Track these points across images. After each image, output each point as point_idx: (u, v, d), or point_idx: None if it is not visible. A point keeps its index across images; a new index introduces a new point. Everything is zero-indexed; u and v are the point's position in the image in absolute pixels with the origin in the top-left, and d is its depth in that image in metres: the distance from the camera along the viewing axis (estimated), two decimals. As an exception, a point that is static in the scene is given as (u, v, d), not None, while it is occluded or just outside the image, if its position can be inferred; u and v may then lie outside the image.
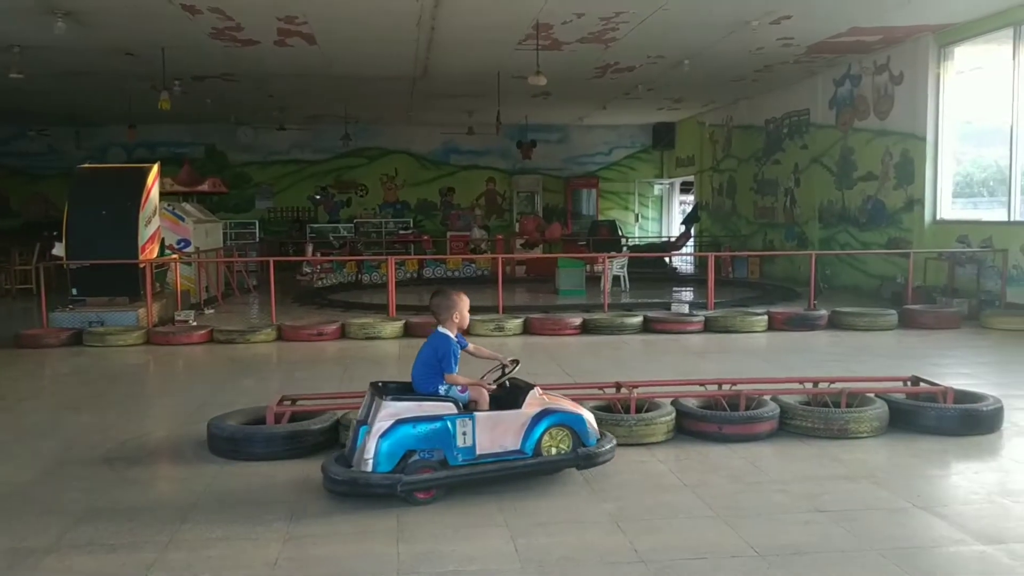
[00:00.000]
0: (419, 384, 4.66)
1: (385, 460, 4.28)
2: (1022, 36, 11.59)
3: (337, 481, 4.34)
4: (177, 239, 13.69)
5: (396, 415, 4.34)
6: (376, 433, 4.30)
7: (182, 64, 14.51)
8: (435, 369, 4.63)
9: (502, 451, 4.49)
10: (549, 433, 4.56)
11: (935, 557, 3.65)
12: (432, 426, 4.37)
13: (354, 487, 4.31)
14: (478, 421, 4.46)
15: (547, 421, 4.57)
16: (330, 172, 24.88)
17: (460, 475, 4.40)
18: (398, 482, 4.24)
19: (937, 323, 10.68)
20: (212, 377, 8.08)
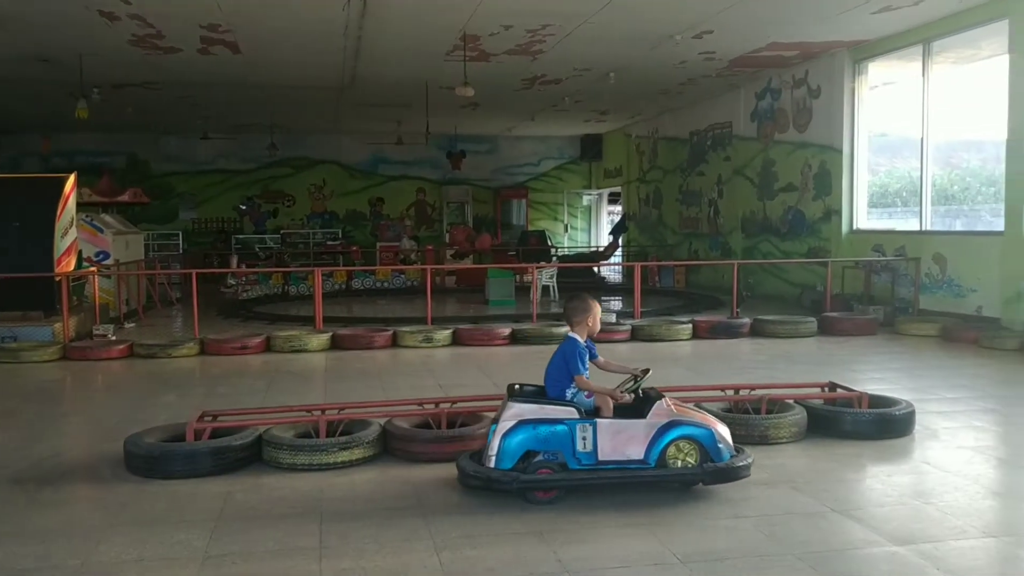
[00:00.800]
0: (550, 388, 4.74)
1: (506, 458, 4.42)
2: (931, 52, 12.07)
3: (465, 474, 4.52)
4: (96, 251, 13.31)
5: (519, 416, 4.49)
6: (500, 432, 4.46)
7: (101, 72, 14.15)
8: (564, 373, 4.69)
9: (624, 459, 4.52)
10: (675, 445, 4.54)
11: (849, 559, 3.75)
12: (553, 429, 4.47)
13: (477, 480, 4.47)
14: (600, 427, 4.52)
15: (674, 433, 4.54)
16: (256, 182, 24.50)
17: (578, 479, 4.46)
18: (516, 479, 4.36)
19: (854, 330, 11.01)
20: (131, 393, 7.86)
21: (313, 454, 5.10)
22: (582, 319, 4.80)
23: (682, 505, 4.45)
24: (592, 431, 4.50)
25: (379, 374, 8.62)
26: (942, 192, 12.79)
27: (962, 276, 11.31)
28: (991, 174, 11.95)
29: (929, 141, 12.20)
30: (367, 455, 5.23)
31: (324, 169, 24.90)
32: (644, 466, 4.51)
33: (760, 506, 4.44)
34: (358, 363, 9.36)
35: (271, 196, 24.65)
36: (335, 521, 4.26)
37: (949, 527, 4.13)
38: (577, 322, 4.82)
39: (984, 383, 7.76)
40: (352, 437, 5.23)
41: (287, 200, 24.77)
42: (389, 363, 9.43)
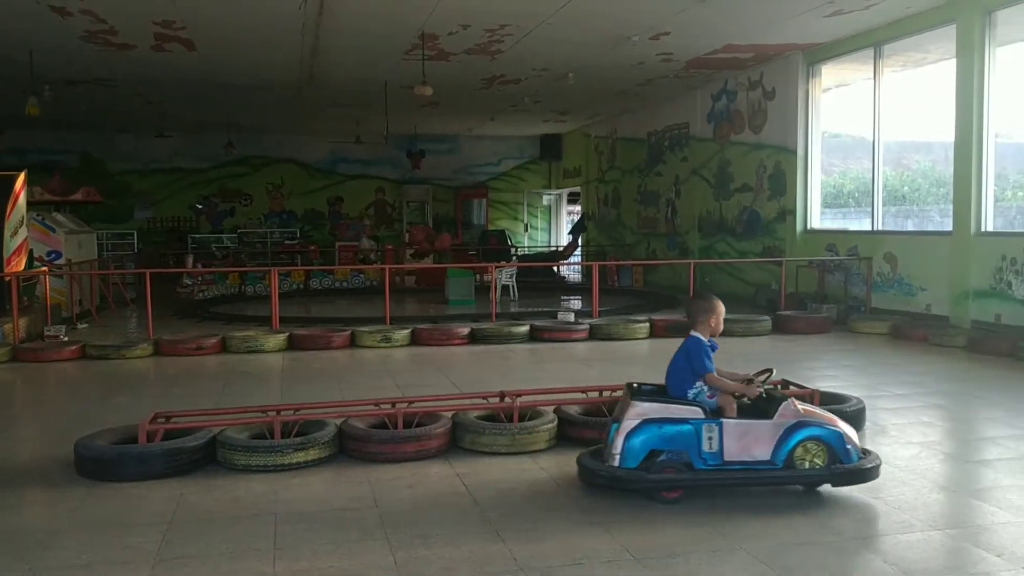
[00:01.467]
0: (672, 387, 4.73)
1: (630, 457, 4.43)
2: (882, 55, 12.30)
3: (591, 472, 4.55)
4: (47, 250, 13.07)
5: (643, 415, 4.48)
6: (624, 431, 4.46)
7: (53, 68, 13.89)
8: (687, 372, 4.68)
9: (751, 460, 4.50)
10: (803, 446, 4.49)
11: (801, 554, 3.81)
12: (678, 428, 4.47)
13: (603, 479, 4.50)
14: (725, 428, 4.50)
15: (802, 434, 4.50)
16: (213, 181, 24.22)
17: (704, 479, 4.46)
18: (643, 479, 4.39)
19: (808, 328, 11.19)
20: (83, 395, 7.74)
21: (268, 455, 5.07)
22: (705, 318, 4.82)
23: (636, 502, 4.49)
24: (718, 431, 4.50)
25: (337, 374, 8.58)
26: (893, 193, 13.07)
27: (912, 275, 11.55)
28: (940, 175, 12.23)
29: (880, 142, 12.43)
30: (323, 455, 5.21)
31: (282, 168, 24.69)
32: (771, 467, 4.49)
33: (714, 502, 4.50)
34: (316, 363, 9.30)
35: (228, 195, 24.38)
36: (290, 522, 4.24)
37: (896, 520, 4.22)
38: (701, 321, 4.82)
39: (932, 380, 7.93)
40: (307, 438, 5.20)
41: (244, 199, 24.52)
42: (347, 363, 9.39)
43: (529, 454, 5.39)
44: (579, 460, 4.72)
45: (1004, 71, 10.51)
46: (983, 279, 10.34)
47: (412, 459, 5.25)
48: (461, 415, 5.62)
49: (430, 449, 5.33)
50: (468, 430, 5.47)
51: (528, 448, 5.42)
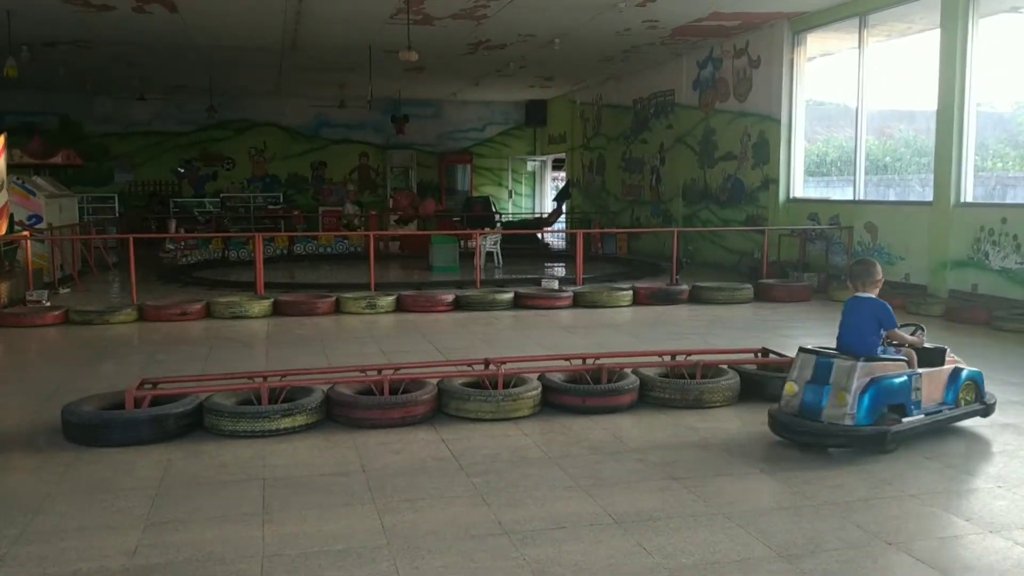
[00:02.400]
0: (857, 346, 4.96)
1: (867, 414, 4.71)
2: (867, 25, 12.32)
3: (820, 434, 4.76)
4: (28, 214, 12.96)
5: (871, 374, 4.75)
6: (857, 390, 4.71)
7: (30, 29, 13.70)
8: (870, 331, 4.97)
9: (933, 404, 5.07)
10: (965, 386, 5.21)
11: (774, 518, 3.91)
12: (901, 382, 4.84)
13: (838, 439, 4.75)
14: (924, 377, 4.98)
15: (963, 376, 5.21)
16: (195, 144, 24.00)
17: (920, 425, 4.92)
18: (886, 433, 4.71)
19: (789, 296, 11.31)
20: (67, 361, 7.75)
21: (255, 421, 5.12)
22: (876, 281, 5.16)
23: (620, 469, 4.59)
24: (920, 381, 4.96)
25: (322, 341, 8.62)
26: (876, 162, 13.14)
27: (892, 245, 11.67)
28: (923, 144, 12.30)
29: (864, 112, 12.49)
30: (310, 421, 5.27)
31: (265, 132, 24.48)
32: (947, 407, 5.13)
33: (692, 468, 4.60)
34: (300, 329, 9.34)
35: (210, 159, 24.18)
36: (278, 487, 4.31)
37: (871, 488, 4.33)
38: (873, 284, 5.14)
39: (910, 348, 8.05)
40: (294, 404, 5.25)
41: (227, 163, 24.33)
42: (332, 329, 9.42)
43: (513, 420, 5.47)
44: (780, 424, 4.94)
45: (987, 42, 10.56)
46: (961, 249, 10.47)
47: (398, 425, 5.32)
48: (446, 382, 5.68)
49: (416, 415, 5.39)
50: (453, 396, 5.54)
51: (512, 414, 5.49)
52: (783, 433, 4.96)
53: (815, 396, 4.82)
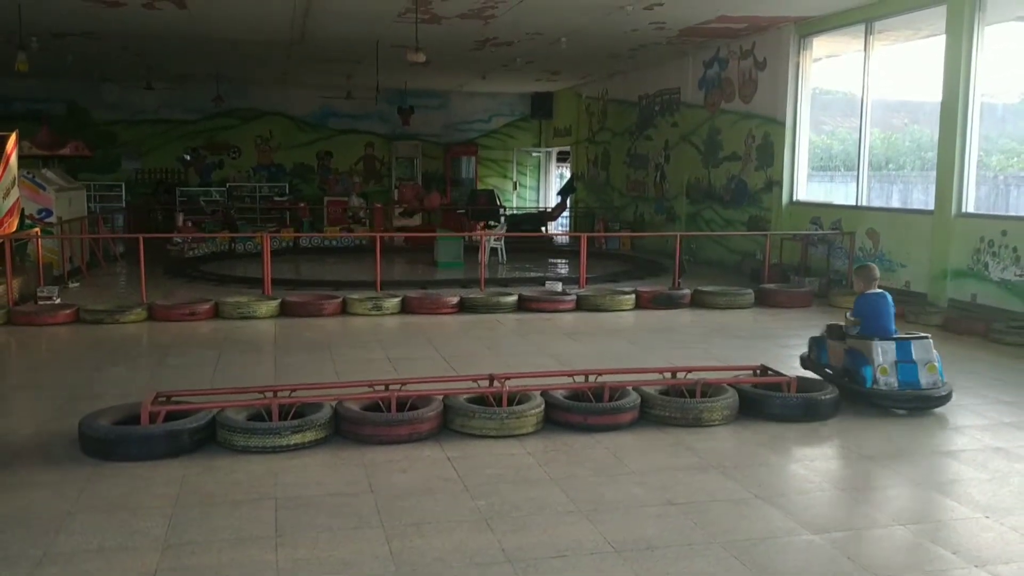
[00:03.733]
0: (894, 331, 6.66)
1: (944, 382, 6.39)
2: (873, 31, 12.37)
3: (920, 399, 6.29)
4: (38, 208, 13.09)
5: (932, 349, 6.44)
6: (933, 363, 6.36)
7: (41, 20, 13.73)
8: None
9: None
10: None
11: (770, 548, 4.06)
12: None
13: (931, 402, 6.34)
14: None
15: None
16: (201, 133, 24.04)
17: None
18: (951, 391, 6.41)
19: (790, 302, 11.43)
20: (81, 364, 7.89)
21: (266, 437, 5.27)
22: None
23: (620, 493, 4.73)
24: None
25: (329, 345, 8.76)
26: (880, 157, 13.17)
27: (893, 251, 11.78)
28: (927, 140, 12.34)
29: (868, 117, 12.55)
30: (319, 437, 5.41)
31: (271, 121, 24.52)
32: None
33: (690, 492, 4.75)
34: (308, 332, 9.48)
35: (216, 147, 24.23)
36: (289, 508, 4.46)
37: (862, 516, 4.48)
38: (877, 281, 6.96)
39: (907, 361, 8.18)
40: (304, 420, 5.40)
41: (233, 152, 24.39)
42: (339, 332, 9.57)
43: (517, 437, 5.61)
44: (903, 399, 6.26)
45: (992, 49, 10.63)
46: (961, 259, 10.58)
47: (405, 441, 5.47)
48: (452, 399, 5.82)
49: (422, 432, 5.54)
50: (458, 413, 5.68)
51: (516, 432, 5.64)
52: (897, 405, 6.29)
53: (911, 372, 6.28)
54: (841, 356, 6.68)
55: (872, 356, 6.34)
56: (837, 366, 6.74)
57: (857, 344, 6.55)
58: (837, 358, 6.75)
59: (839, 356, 6.72)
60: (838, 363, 6.72)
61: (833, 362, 6.82)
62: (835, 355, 6.79)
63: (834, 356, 6.81)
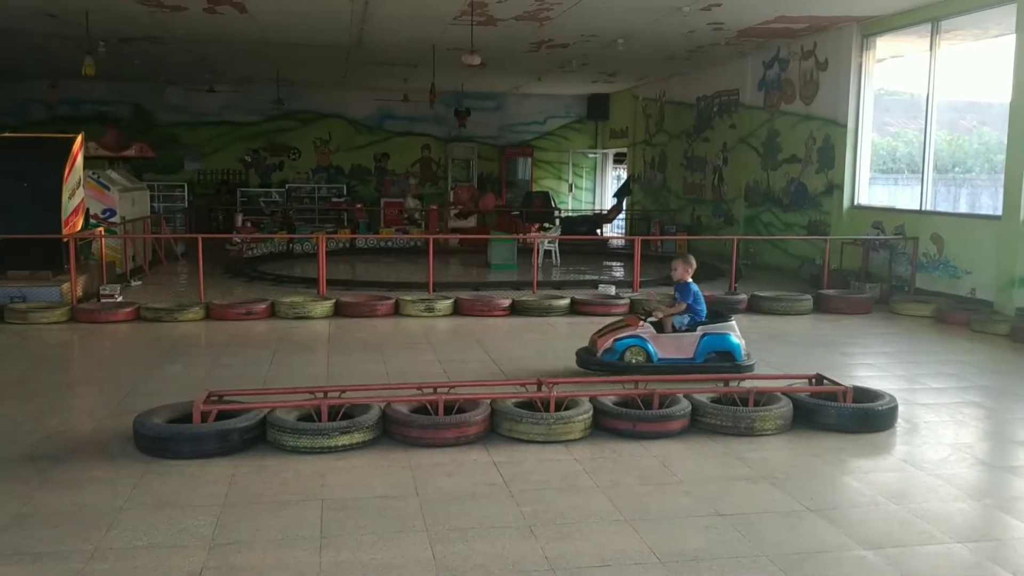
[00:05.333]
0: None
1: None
2: (939, 30, 12.03)
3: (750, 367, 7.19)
4: (103, 208, 13.43)
5: None
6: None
7: (107, 26, 14.15)
8: None
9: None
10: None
11: (819, 563, 3.96)
12: None
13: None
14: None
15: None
16: (262, 135, 24.47)
17: None
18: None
19: (850, 308, 11.16)
20: (139, 362, 8.06)
21: (315, 438, 5.31)
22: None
23: (667, 503, 4.66)
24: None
25: (380, 346, 8.80)
26: (946, 160, 12.79)
27: (958, 258, 11.43)
28: (995, 154, 11.97)
29: (933, 119, 12.21)
30: (367, 439, 5.43)
31: (330, 123, 24.84)
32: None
33: (739, 503, 4.65)
34: (360, 332, 9.55)
35: (276, 149, 24.63)
36: (335, 509, 4.48)
37: (918, 531, 4.34)
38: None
39: (971, 371, 7.94)
40: (353, 421, 5.43)
41: (292, 153, 24.76)
42: (391, 333, 9.62)
43: (564, 443, 5.56)
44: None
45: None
46: (1031, 266, 10.22)
47: (451, 445, 5.46)
48: (499, 403, 5.80)
49: (469, 435, 5.53)
50: (506, 418, 5.66)
51: (563, 437, 5.59)
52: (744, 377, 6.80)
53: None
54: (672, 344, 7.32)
55: (738, 334, 7.31)
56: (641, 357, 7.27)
57: (717, 328, 7.37)
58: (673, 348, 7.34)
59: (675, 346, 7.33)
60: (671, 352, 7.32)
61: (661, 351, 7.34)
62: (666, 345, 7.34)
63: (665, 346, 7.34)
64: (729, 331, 7.38)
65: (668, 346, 7.35)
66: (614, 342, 7.30)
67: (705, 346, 7.32)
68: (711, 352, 7.33)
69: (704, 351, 7.32)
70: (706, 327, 7.40)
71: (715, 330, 7.38)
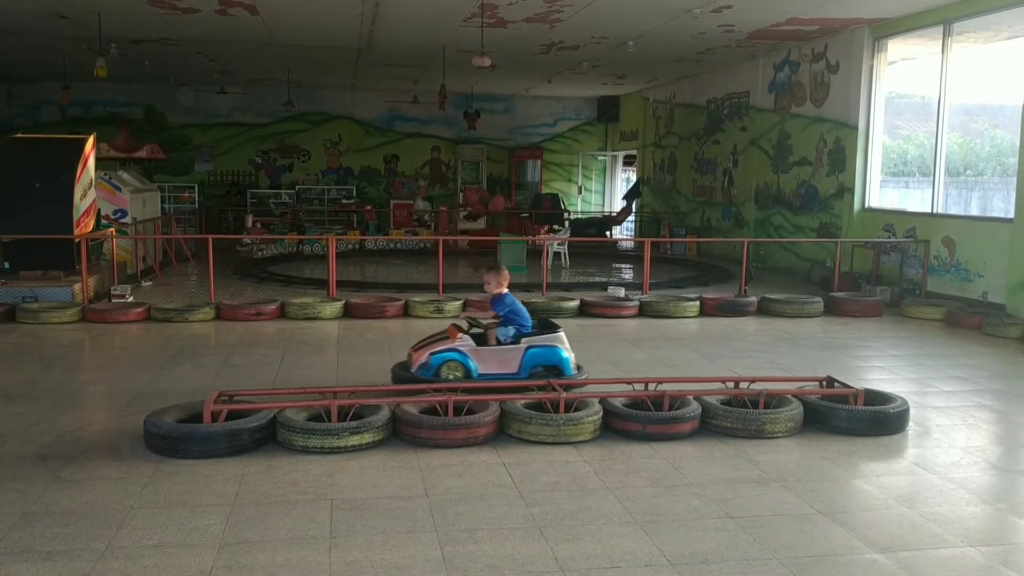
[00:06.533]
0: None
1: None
2: (951, 33, 11.99)
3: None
4: (114, 209, 13.50)
5: None
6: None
7: (119, 28, 14.21)
8: None
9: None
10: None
11: (830, 566, 3.93)
12: None
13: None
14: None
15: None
16: (272, 136, 24.54)
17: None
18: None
19: (860, 311, 11.12)
20: (149, 362, 8.07)
21: (325, 438, 5.31)
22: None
23: (677, 505, 4.64)
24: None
25: (390, 347, 8.81)
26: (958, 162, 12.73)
27: (969, 261, 11.38)
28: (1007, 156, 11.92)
29: (945, 123, 12.16)
30: (376, 439, 5.43)
31: (339, 125, 24.90)
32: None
33: (750, 506, 4.63)
34: (370, 333, 9.56)
35: (286, 150, 24.71)
36: (345, 509, 4.48)
37: (930, 535, 4.31)
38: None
39: (983, 375, 7.89)
40: (363, 422, 5.43)
41: (302, 155, 24.83)
42: (400, 334, 9.62)
43: (573, 444, 5.56)
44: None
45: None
46: (1043, 269, 10.16)
47: (461, 446, 5.46)
48: (509, 404, 5.79)
49: (478, 436, 5.53)
50: (515, 419, 5.66)
51: (573, 439, 5.58)
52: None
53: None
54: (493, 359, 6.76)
55: (567, 346, 6.84)
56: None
57: (543, 340, 6.81)
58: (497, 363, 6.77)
59: (496, 360, 6.77)
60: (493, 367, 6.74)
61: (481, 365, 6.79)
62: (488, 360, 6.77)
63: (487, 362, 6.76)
64: (556, 343, 6.79)
65: (490, 360, 6.71)
66: (429, 356, 6.66)
67: (530, 359, 6.70)
68: (537, 366, 6.70)
69: (529, 365, 6.69)
70: (531, 339, 6.78)
71: (541, 342, 6.76)
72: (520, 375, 6.69)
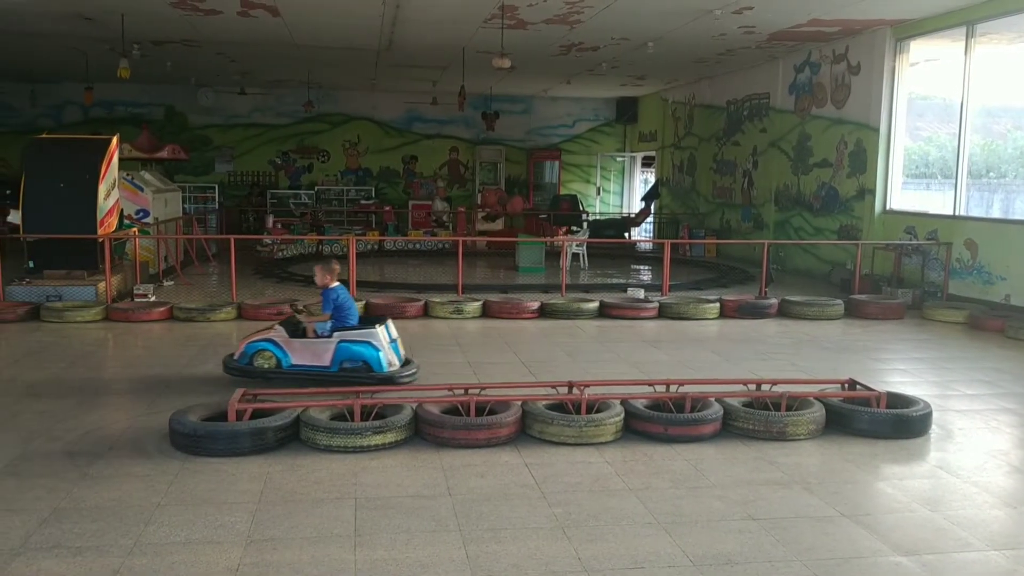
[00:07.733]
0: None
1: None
2: (975, 34, 11.91)
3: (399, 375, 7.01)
4: (136, 209, 13.60)
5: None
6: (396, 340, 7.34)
7: (142, 30, 14.33)
8: None
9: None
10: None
11: (854, 569, 3.93)
12: None
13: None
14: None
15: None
16: (292, 137, 24.66)
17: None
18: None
19: (881, 314, 11.06)
20: (172, 360, 8.15)
21: (348, 437, 5.36)
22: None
23: (699, 506, 4.65)
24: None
25: (410, 348, 8.79)
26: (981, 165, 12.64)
27: (992, 263, 11.30)
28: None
29: (967, 123, 12.08)
30: (399, 439, 5.47)
31: (359, 125, 24.98)
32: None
33: (772, 508, 4.63)
34: (390, 334, 9.59)
35: (306, 151, 24.82)
36: (369, 508, 4.52)
37: (954, 538, 4.30)
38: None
39: (1005, 379, 7.84)
40: (385, 421, 5.47)
41: (322, 155, 24.94)
42: (420, 334, 9.66)
43: (595, 446, 5.57)
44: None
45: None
46: (1067, 272, 10.08)
47: (483, 446, 5.49)
48: (530, 404, 5.81)
49: (500, 436, 5.55)
50: (537, 420, 5.68)
51: (594, 440, 5.59)
52: (403, 380, 6.95)
53: (397, 351, 7.19)
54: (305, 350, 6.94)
55: (381, 342, 6.87)
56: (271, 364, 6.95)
57: (354, 336, 6.89)
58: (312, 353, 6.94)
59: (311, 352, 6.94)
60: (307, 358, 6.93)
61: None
62: (305, 351, 6.96)
63: (303, 352, 6.96)
64: (368, 339, 6.87)
65: (302, 352, 6.91)
66: (245, 345, 6.98)
67: (340, 354, 6.85)
68: (345, 361, 6.86)
69: (339, 359, 6.85)
70: (344, 334, 6.91)
71: (352, 337, 6.88)
72: (331, 368, 6.89)
